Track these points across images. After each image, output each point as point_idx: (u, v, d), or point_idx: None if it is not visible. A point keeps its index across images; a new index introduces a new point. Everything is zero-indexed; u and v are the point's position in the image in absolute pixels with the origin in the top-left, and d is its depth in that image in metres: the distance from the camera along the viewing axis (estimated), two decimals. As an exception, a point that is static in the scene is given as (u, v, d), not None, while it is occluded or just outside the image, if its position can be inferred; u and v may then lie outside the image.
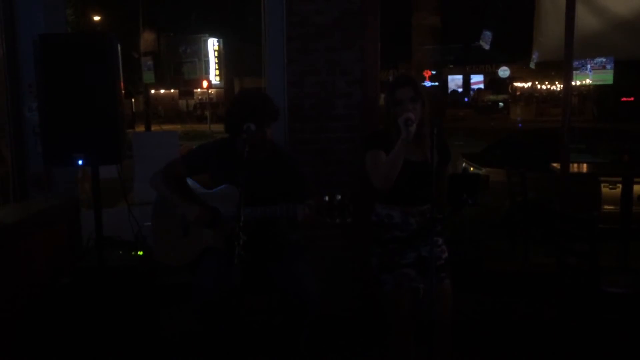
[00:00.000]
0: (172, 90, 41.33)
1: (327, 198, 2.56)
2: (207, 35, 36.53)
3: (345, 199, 2.55)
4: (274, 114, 2.90)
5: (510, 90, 38.11)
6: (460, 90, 39.96)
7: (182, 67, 37.36)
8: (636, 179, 5.14)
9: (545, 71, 28.07)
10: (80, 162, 3.00)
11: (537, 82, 38.55)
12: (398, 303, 2.68)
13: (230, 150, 2.90)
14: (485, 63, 38.02)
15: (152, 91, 32.31)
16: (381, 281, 2.72)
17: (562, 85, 4.60)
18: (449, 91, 38.80)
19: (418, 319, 2.67)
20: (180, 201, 2.91)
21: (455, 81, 40.52)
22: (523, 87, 39.37)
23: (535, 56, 5.80)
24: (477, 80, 40.52)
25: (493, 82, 39.34)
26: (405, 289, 2.67)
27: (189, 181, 3.05)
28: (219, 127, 28.00)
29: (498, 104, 36.25)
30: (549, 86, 37.27)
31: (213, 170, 2.95)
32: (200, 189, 3.01)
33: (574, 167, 5.26)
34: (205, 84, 35.67)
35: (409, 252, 2.69)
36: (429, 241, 2.55)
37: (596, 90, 26.21)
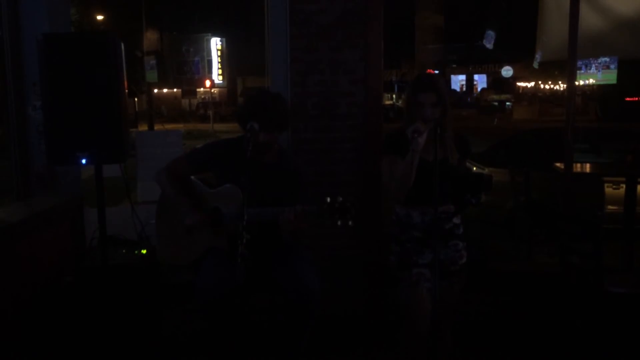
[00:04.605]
0: (175, 90, 41.39)
1: (328, 200, 2.56)
2: (210, 34, 36.57)
3: (347, 201, 2.55)
4: (282, 120, 2.83)
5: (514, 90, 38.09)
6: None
7: (184, 66, 37.42)
8: (640, 179, 5.13)
9: (548, 71, 28.03)
10: (83, 161, 3.00)
11: (540, 82, 38.49)
12: (412, 302, 2.67)
13: (238, 150, 2.89)
14: (488, 63, 37.95)
15: (155, 90, 32.38)
16: (398, 279, 2.71)
17: (565, 85, 4.59)
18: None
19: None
20: (182, 204, 2.91)
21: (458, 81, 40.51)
22: (526, 86, 39.32)
23: (538, 56, 5.79)
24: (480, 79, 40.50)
25: (496, 82, 39.28)
26: (421, 288, 2.66)
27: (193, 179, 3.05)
28: (221, 127, 28.11)
29: (505, 104, 36.10)
30: (552, 86, 37.21)
31: (219, 169, 2.95)
32: (203, 188, 3.01)
33: (578, 167, 5.25)
34: (208, 83, 35.70)
35: (427, 253, 2.67)
36: (438, 243, 2.55)
37: (600, 90, 26.14)
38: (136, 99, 25.28)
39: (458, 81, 41.75)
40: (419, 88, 2.59)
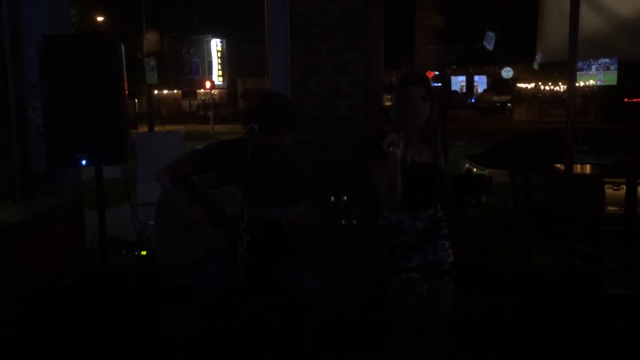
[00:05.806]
0: (175, 91, 41.42)
1: (332, 199, 2.55)
2: (210, 35, 36.62)
3: (351, 200, 2.54)
4: (290, 119, 2.82)
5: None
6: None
7: (185, 67, 37.48)
8: (640, 180, 5.12)
9: (548, 72, 28.12)
10: (83, 162, 3.00)
11: (540, 83, 38.53)
12: (402, 306, 2.67)
13: (240, 151, 2.89)
14: (488, 64, 37.97)
15: (155, 92, 32.38)
16: (387, 284, 2.70)
17: (565, 86, 4.59)
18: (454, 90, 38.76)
19: (420, 322, 2.66)
20: (185, 201, 2.91)
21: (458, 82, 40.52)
22: (526, 88, 39.36)
23: (538, 57, 5.79)
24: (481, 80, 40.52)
25: (496, 83, 39.32)
26: (410, 293, 2.66)
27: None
28: (221, 128, 28.12)
29: (507, 105, 36.11)
30: (552, 87, 37.26)
31: (220, 169, 2.94)
32: (205, 188, 3.00)
33: (578, 169, 5.25)
34: (208, 84, 35.73)
35: (416, 256, 2.66)
36: (435, 244, 2.53)
37: (600, 91, 26.18)
38: (136, 100, 25.27)
39: (458, 82, 41.78)
40: (407, 82, 2.59)
